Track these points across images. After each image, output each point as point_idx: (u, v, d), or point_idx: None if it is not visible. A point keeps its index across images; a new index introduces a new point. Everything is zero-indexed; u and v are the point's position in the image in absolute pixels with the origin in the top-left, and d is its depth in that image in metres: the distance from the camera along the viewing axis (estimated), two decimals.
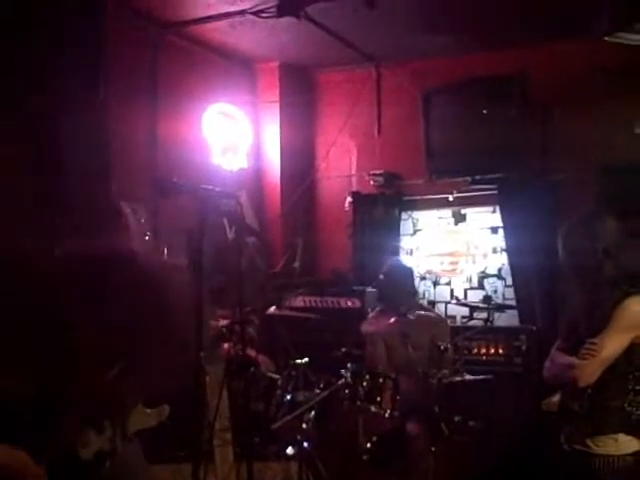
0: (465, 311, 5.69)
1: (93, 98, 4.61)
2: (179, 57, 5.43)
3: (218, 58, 5.84)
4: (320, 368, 4.13)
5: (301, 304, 5.47)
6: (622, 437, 2.81)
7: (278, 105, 6.13)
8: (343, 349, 4.23)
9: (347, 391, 4.00)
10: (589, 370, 2.86)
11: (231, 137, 5.88)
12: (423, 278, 5.96)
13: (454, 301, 5.74)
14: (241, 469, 4.05)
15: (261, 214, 6.15)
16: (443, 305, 5.88)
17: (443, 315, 5.66)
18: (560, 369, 3.04)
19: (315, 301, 5.43)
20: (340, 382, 3.99)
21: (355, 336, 4.64)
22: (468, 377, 4.26)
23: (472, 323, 5.52)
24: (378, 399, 4.01)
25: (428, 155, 5.72)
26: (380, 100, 6.09)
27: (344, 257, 6.13)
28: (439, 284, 5.94)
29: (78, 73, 4.51)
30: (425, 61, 5.85)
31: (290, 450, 4.01)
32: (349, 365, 4.05)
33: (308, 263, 6.14)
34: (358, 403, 3.98)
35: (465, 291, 5.84)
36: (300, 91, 6.25)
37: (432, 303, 5.88)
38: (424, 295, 5.93)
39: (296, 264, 6.09)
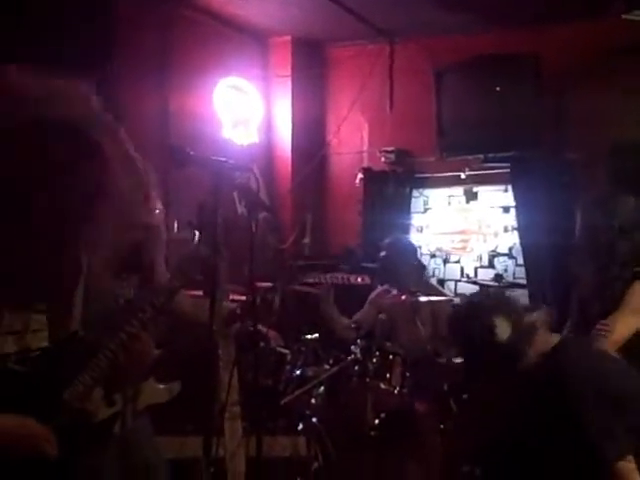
0: (475, 290, 5.65)
1: (104, 72, 4.59)
2: (191, 30, 5.39)
3: (230, 31, 5.79)
4: (330, 344, 4.13)
5: (311, 280, 5.45)
6: None
7: (290, 79, 6.09)
8: (353, 325, 4.23)
9: (356, 367, 4.00)
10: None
11: (242, 111, 5.83)
12: (433, 256, 5.95)
13: (464, 279, 5.72)
14: (250, 443, 4.06)
15: (271, 189, 6.12)
16: (453, 283, 5.86)
17: (453, 294, 5.66)
18: None
19: (325, 277, 5.40)
20: (349, 358, 3.99)
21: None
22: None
23: None
24: (387, 376, 4.00)
25: (440, 132, 5.68)
26: (392, 76, 6.03)
27: (354, 234, 6.11)
28: (449, 262, 5.92)
29: (89, 46, 4.48)
30: (439, 38, 5.78)
31: (299, 425, 4.02)
32: (359, 341, 4.04)
33: (318, 239, 6.12)
34: (367, 380, 3.98)
35: (475, 269, 5.82)
36: (312, 66, 6.20)
37: (442, 281, 5.86)
38: (434, 273, 5.91)
39: (306, 240, 6.07)
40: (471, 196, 5.84)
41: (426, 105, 5.69)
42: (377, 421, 4.08)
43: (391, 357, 4.04)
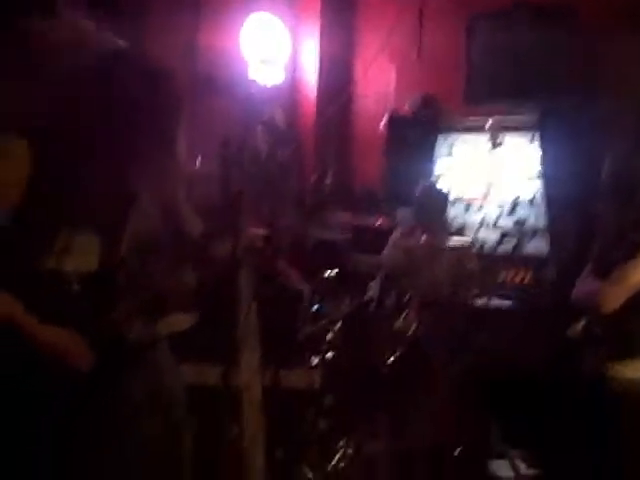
0: (495, 237, 5.68)
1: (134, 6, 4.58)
2: None
3: None
4: (349, 283, 4.18)
5: (332, 220, 5.49)
6: None
7: (319, 19, 6.05)
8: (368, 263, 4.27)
9: (373, 305, 4.05)
10: (614, 296, 2.86)
11: (269, 49, 5.81)
12: (455, 202, 5.93)
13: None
14: (265, 375, 4.15)
15: (295, 129, 6.13)
16: (473, 230, 5.86)
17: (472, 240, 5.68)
18: (586, 293, 3.06)
19: (346, 218, 5.45)
20: (367, 296, 4.04)
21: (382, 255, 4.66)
22: (495, 301, 4.28)
23: (502, 249, 5.53)
24: (402, 316, 4.05)
25: (468, 79, 5.65)
26: (422, 22, 5.96)
27: (377, 177, 6.11)
28: (471, 209, 5.91)
29: None
30: None
31: (314, 359, 4.08)
32: (377, 279, 4.09)
33: (340, 181, 6.14)
34: (382, 318, 4.03)
35: (497, 217, 5.80)
36: (341, 7, 6.15)
37: (462, 227, 5.86)
38: (455, 219, 5.90)
39: (328, 181, 6.10)
40: (496, 144, 5.79)
41: (456, 52, 5.66)
42: (391, 359, 4.14)
43: (407, 297, 4.08)
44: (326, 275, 4.15)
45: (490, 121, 5.67)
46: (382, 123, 6.03)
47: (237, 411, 3.96)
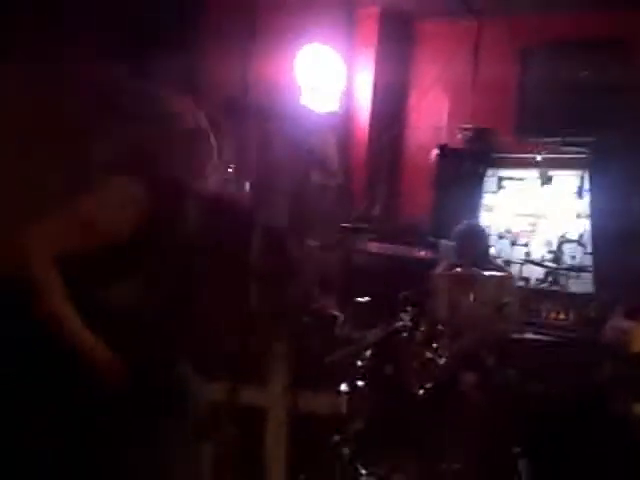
0: (540, 273, 5.64)
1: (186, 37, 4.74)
2: None
3: None
4: (382, 311, 4.20)
5: (374, 249, 5.52)
6: None
7: (374, 50, 6.12)
8: (405, 293, 4.28)
9: (405, 334, 4.05)
10: None
11: (323, 79, 5.91)
12: (501, 237, 5.91)
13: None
14: (292, 397, 4.19)
15: (346, 158, 6.19)
16: (518, 266, 5.82)
17: (517, 276, 5.65)
18: (615, 332, 3.03)
19: (388, 248, 5.47)
20: (398, 324, 4.05)
21: (422, 285, 4.67)
22: (529, 336, 4.24)
23: (545, 286, 5.51)
24: (434, 345, 4.05)
25: (520, 113, 5.64)
26: (477, 54, 5.99)
27: (425, 209, 6.12)
28: (517, 244, 5.88)
29: (178, 14, 4.63)
30: (526, 17, 5.72)
31: (343, 386, 4.10)
32: (409, 308, 4.10)
33: (388, 211, 6.17)
34: (414, 347, 4.04)
35: (543, 254, 5.76)
36: (398, 38, 6.23)
37: (507, 263, 5.82)
38: (500, 254, 5.88)
39: (376, 210, 6.14)
40: (546, 179, 5.77)
41: (508, 85, 5.66)
42: (422, 391, 4.13)
43: (440, 327, 4.08)
44: (359, 300, 4.18)
45: (540, 156, 5.66)
46: (432, 154, 6.05)
47: (262, 431, 4.01)
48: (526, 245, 5.83)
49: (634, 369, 2.96)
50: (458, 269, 4.38)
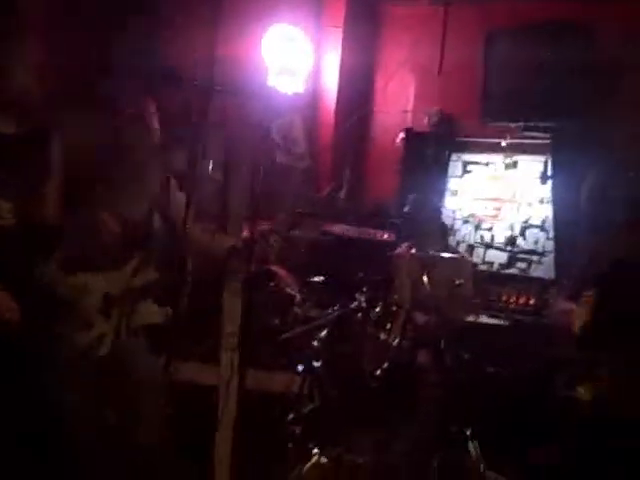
0: (503, 258, 5.67)
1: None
2: None
3: None
4: (340, 293, 4.19)
5: (337, 231, 5.50)
6: None
7: (342, 31, 6.09)
8: (360, 274, 4.28)
9: (359, 315, 4.05)
10: (580, 317, 2.86)
11: (290, 59, 5.85)
12: (466, 222, 5.92)
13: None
14: (244, 375, 4.18)
15: (312, 140, 6.17)
16: (482, 250, 5.83)
17: (482, 260, 5.70)
18: (559, 315, 3.06)
19: (349, 230, 5.45)
20: (352, 305, 4.05)
21: (382, 267, 4.67)
22: (484, 320, 4.26)
23: (509, 272, 5.55)
24: (388, 327, 4.05)
25: (485, 97, 5.64)
26: (444, 38, 5.98)
27: (390, 192, 6.12)
28: (481, 229, 5.89)
29: None
30: (493, 2, 5.71)
31: (299, 367, 4.09)
32: (364, 289, 4.09)
33: (354, 193, 6.16)
34: (368, 328, 4.04)
35: (506, 238, 5.77)
36: (365, 20, 6.19)
37: (472, 247, 5.84)
38: (464, 238, 5.89)
39: (341, 193, 6.13)
40: (510, 164, 5.77)
41: (474, 70, 5.66)
42: (378, 372, 4.13)
43: (394, 308, 4.08)
44: (315, 280, 4.17)
45: (505, 141, 5.66)
46: (398, 138, 6.05)
47: (212, 408, 4.01)
48: (490, 230, 5.84)
49: (574, 350, 2.98)
50: (413, 250, 4.37)
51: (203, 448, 3.83)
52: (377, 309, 4.06)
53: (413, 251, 4.33)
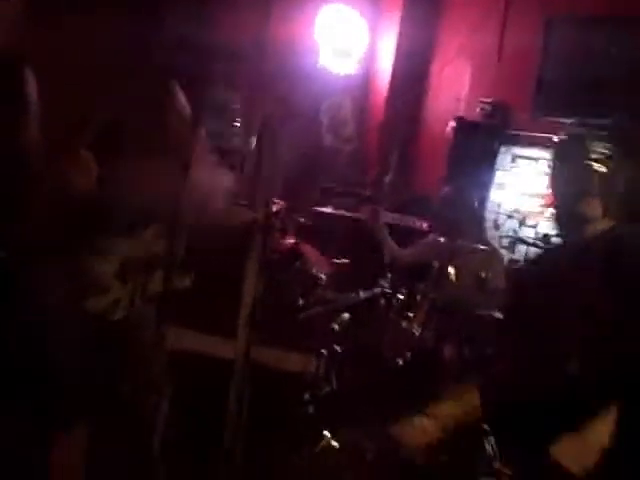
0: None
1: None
2: None
3: None
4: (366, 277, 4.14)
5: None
6: None
7: (399, 14, 5.99)
8: (387, 260, 4.21)
9: (382, 301, 3.99)
10: None
11: (344, 40, 5.80)
12: (510, 216, 5.78)
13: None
14: (258, 352, 4.16)
15: (362, 123, 6.10)
16: (525, 246, 5.68)
17: (524, 256, 5.55)
18: None
19: (389, 216, 5.38)
20: (376, 290, 3.98)
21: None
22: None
23: None
24: (410, 315, 3.97)
25: (539, 90, 5.48)
26: (504, 26, 5.81)
27: (437, 180, 6.01)
28: (525, 225, 5.73)
29: None
30: None
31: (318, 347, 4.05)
32: (389, 275, 4.03)
33: (400, 180, 6.07)
34: (390, 315, 3.97)
35: (548, 235, 5.60)
36: (424, 3, 6.07)
37: (514, 242, 5.69)
38: (507, 233, 5.74)
39: (388, 178, 6.04)
40: None
41: (532, 60, 5.49)
42: (401, 362, 4.06)
43: (418, 297, 4.00)
44: (340, 262, 4.12)
45: (557, 137, 5.48)
46: (449, 126, 5.92)
47: (225, 383, 4.00)
48: (534, 226, 5.68)
49: None
50: (442, 239, 4.28)
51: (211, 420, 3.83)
52: (401, 296, 3.98)
53: (441, 240, 4.23)
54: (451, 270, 4.05)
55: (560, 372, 2.65)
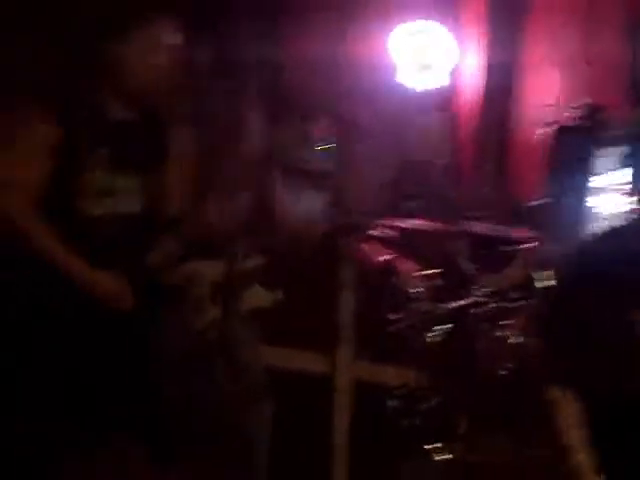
0: None
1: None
2: None
3: None
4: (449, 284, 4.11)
5: (471, 229, 5.39)
6: None
7: (484, 24, 5.95)
8: (477, 267, 4.16)
9: (474, 310, 3.94)
10: None
11: (428, 55, 5.79)
12: (606, 219, 5.60)
13: None
14: (357, 368, 4.18)
15: (453, 136, 6.07)
16: None
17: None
18: None
19: (485, 227, 5.31)
20: (468, 300, 3.94)
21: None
22: None
23: None
24: (505, 322, 3.91)
25: (634, 87, 5.32)
26: (592, 27, 5.69)
27: (534, 188, 5.90)
28: None
29: None
30: None
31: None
32: (479, 284, 3.98)
33: (497, 191, 6.00)
34: (483, 325, 3.92)
35: None
36: (509, 10, 6.00)
37: None
38: None
39: (484, 190, 5.99)
40: None
41: (621, 58, 5.35)
42: (502, 372, 3.99)
43: (513, 304, 3.93)
44: (430, 272, 4.10)
45: None
46: (541, 132, 5.81)
47: (326, 400, 4.04)
48: None
49: None
50: (539, 246, 4.20)
51: (314, 437, 3.87)
52: (493, 305, 3.93)
53: (539, 247, 4.16)
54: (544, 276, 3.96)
55: None
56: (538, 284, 3.83)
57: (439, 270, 4.16)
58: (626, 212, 5.50)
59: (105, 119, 2.84)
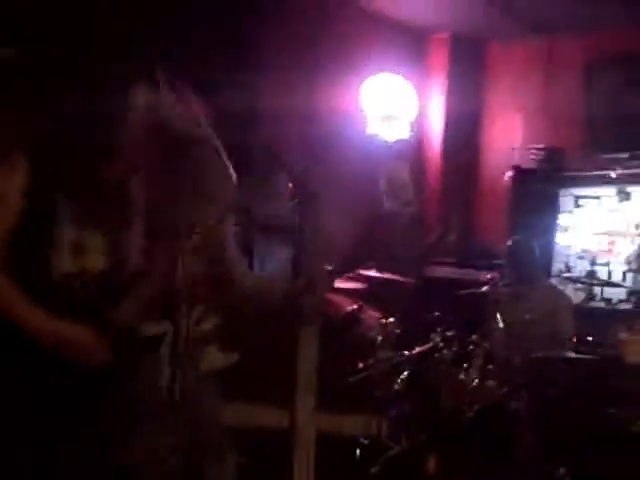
0: (621, 294, 5.38)
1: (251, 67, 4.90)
2: (344, 27, 5.50)
3: (386, 28, 5.88)
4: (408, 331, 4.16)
5: (438, 274, 5.47)
6: None
7: (446, 75, 6.10)
8: (436, 313, 4.22)
9: (435, 355, 3.99)
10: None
11: (392, 107, 5.91)
12: (580, 257, 5.68)
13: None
14: (320, 418, 4.18)
15: (419, 185, 6.18)
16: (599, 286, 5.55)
17: (599, 296, 5.45)
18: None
19: (453, 272, 5.40)
20: (428, 346, 3.99)
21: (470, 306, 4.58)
22: (570, 354, 4.05)
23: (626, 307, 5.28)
24: (465, 366, 3.95)
25: (589, 129, 5.46)
26: (548, 73, 5.85)
27: (500, 232, 5.98)
28: (596, 264, 5.62)
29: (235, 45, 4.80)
30: (594, 33, 5.55)
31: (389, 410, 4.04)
32: (439, 329, 4.03)
33: (464, 236, 6.09)
34: (445, 368, 3.96)
35: (624, 274, 5.47)
36: (469, 62, 6.17)
37: (587, 283, 5.57)
38: (579, 275, 5.64)
39: (451, 237, 6.07)
40: (624, 196, 5.50)
41: (578, 102, 5.51)
42: (471, 414, 4.02)
43: (471, 347, 3.98)
44: (385, 320, 4.14)
45: (615, 172, 5.41)
46: (506, 177, 5.93)
47: (287, 454, 4.03)
48: (607, 265, 5.56)
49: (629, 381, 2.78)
50: (505, 286, 4.29)
51: None
52: (454, 348, 3.98)
53: (502, 287, 4.24)
54: (520, 315, 4.05)
55: None
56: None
57: (400, 317, 4.21)
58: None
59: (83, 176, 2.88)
